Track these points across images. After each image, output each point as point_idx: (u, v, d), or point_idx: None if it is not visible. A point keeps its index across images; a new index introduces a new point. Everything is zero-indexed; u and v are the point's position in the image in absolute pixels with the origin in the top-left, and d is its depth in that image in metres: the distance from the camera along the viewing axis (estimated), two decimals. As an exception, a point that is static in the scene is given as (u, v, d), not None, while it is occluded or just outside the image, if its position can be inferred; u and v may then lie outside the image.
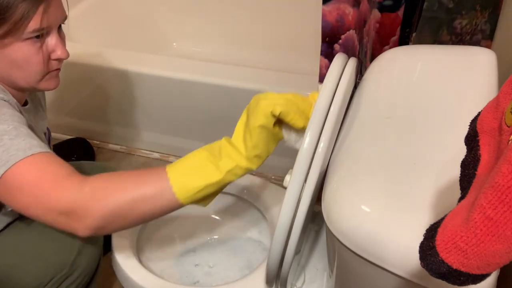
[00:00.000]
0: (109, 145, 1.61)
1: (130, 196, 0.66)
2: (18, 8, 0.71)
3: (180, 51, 1.95)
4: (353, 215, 0.59)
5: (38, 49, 0.76)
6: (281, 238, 0.69)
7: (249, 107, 0.70)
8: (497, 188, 0.31)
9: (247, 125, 0.68)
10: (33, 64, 0.77)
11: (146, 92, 1.42)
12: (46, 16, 0.75)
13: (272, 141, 0.70)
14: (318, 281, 0.94)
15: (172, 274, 1.05)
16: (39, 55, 0.77)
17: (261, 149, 0.68)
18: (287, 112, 0.66)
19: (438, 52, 0.83)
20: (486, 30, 1.13)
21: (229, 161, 0.68)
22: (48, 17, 0.75)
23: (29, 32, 0.74)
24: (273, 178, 1.42)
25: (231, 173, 0.67)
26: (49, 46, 0.78)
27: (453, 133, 0.63)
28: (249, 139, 0.68)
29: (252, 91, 1.33)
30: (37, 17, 0.74)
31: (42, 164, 0.69)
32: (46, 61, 0.79)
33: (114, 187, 0.67)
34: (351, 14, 0.84)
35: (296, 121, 0.67)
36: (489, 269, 0.34)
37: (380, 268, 0.57)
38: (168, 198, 0.66)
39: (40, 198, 0.67)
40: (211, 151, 0.69)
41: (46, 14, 0.75)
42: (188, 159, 0.70)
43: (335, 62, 0.75)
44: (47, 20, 0.75)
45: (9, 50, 0.75)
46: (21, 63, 0.76)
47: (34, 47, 0.76)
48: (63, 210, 0.66)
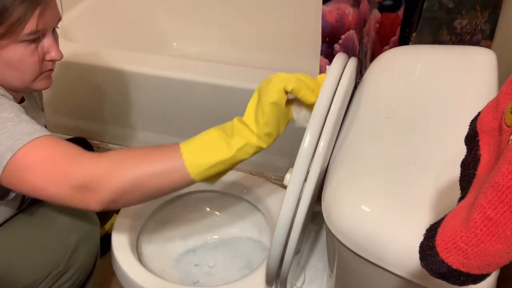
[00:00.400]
0: (109, 145, 1.61)
1: (145, 170, 0.68)
2: (15, 10, 0.72)
3: (180, 51, 1.95)
4: (353, 215, 0.59)
5: (33, 50, 0.77)
6: (281, 238, 0.69)
7: (260, 87, 0.72)
8: (497, 188, 0.31)
9: (260, 103, 0.70)
10: (28, 65, 0.78)
11: (146, 92, 1.42)
12: (42, 18, 0.75)
13: (283, 120, 0.71)
14: (318, 281, 0.94)
15: (172, 274, 1.05)
16: (34, 56, 0.77)
17: (272, 127, 0.70)
18: (299, 88, 0.68)
19: (438, 52, 0.83)
20: (486, 30, 1.13)
21: (240, 139, 0.69)
22: (44, 20, 0.76)
23: (25, 35, 0.74)
24: (273, 178, 1.42)
25: (242, 151, 0.69)
26: (44, 48, 0.79)
27: (453, 133, 0.63)
28: (261, 116, 0.69)
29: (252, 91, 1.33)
30: (33, 19, 0.74)
31: (50, 144, 0.70)
32: (40, 62, 0.79)
33: (129, 162, 0.69)
34: (351, 14, 0.84)
35: (308, 97, 0.69)
36: (489, 269, 0.34)
37: (380, 268, 0.57)
38: (180, 173, 0.68)
39: (54, 173, 0.68)
40: (224, 129, 0.71)
41: (42, 17, 0.75)
42: (201, 136, 0.71)
43: (335, 62, 0.75)
44: (43, 23, 0.76)
45: (4, 51, 0.75)
46: (16, 64, 0.77)
47: (29, 49, 0.76)
48: (79, 184, 0.67)
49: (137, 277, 0.92)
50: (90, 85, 1.49)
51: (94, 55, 1.43)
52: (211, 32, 1.91)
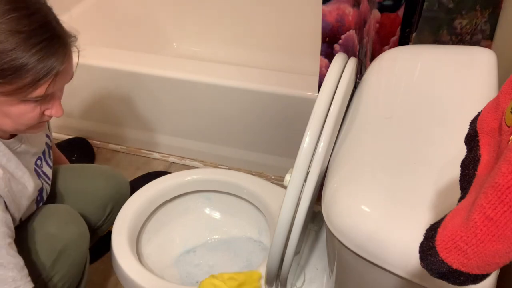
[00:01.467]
0: (109, 145, 1.61)
1: None
2: (30, 73, 0.68)
3: (180, 51, 1.95)
4: (353, 215, 0.59)
5: (35, 107, 0.74)
6: (281, 238, 0.69)
7: None
8: (497, 188, 0.31)
9: None
10: (26, 119, 0.75)
11: (146, 92, 1.42)
12: (53, 83, 0.72)
13: None
14: (318, 281, 0.94)
15: (172, 274, 1.05)
16: (33, 112, 0.74)
17: None
18: None
19: (438, 52, 0.83)
20: (486, 30, 1.13)
21: None
22: (56, 84, 0.73)
23: (31, 97, 0.71)
24: (273, 178, 1.42)
25: None
26: (46, 104, 0.76)
27: (453, 133, 0.63)
28: None
29: (252, 91, 1.34)
30: (45, 85, 0.71)
31: None
32: (39, 117, 0.76)
33: None
34: (351, 14, 0.84)
35: None
36: (489, 269, 0.34)
37: (380, 268, 0.57)
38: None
39: None
40: None
41: (54, 82, 0.72)
42: None
43: (335, 62, 0.75)
44: (53, 87, 0.73)
45: (4, 105, 0.72)
46: (14, 117, 0.74)
47: (31, 106, 0.73)
48: None
49: (137, 277, 0.91)
50: (90, 85, 1.49)
51: (94, 55, 1.43)
52: (211, 32, 1.91)
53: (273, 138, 1.36)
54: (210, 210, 1.17)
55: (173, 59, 1.51)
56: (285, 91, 1.26)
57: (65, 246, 0.89)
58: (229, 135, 1.43)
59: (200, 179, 1.11)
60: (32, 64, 0.68)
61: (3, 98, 0.71)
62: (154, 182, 1.10)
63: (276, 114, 1.30)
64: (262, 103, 1.30)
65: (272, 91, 1.27)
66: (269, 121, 1.33)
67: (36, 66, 0.68)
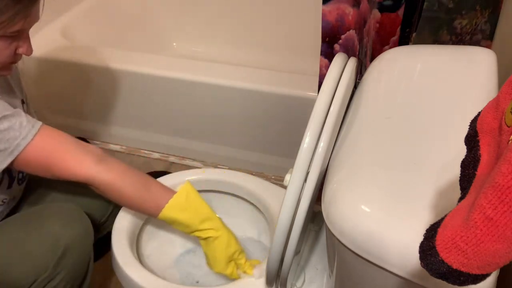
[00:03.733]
0: (109, 145, 1.61)
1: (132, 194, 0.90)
2: (7, 11, 0.74)
3: (180, 51, 1.95)
4: (353, 215, 0.59)
5: (9, 44, 0.79)
6: (281, 238, 0.69)
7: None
8: (497, 188, 0.31)
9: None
10: (1, 56, 0.80)
11: (146, 92, 1.42)
12: (29, 19, 0.78)
13: None
14: (318, 281, 0.94)
15: (172, 274, 1.05)
16: (8, 49, 0.79)
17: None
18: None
19: (438, 52, 0.83)
20: (486, 30, 1.13)
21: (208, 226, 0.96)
22: (30, 20, 0.78)
23: (9, 32, 0.76)
24: (273, 178, 1.42)
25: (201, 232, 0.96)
26: (19, 42, 0.81)
27: (453, 133, 0.63)
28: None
29: (252, 91, 1.34)
30: (22, 20, 0.76)
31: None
32: (12, 55, 0.81)
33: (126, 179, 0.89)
34: (351, 14, 0.84)
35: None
36: (489, 269, 0.34)
37: (380, 268, 0.57)
38: (153, 210, 0.91)
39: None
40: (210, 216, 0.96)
41: (29, 18, 0.78)
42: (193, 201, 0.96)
43: (335, 62, 0.75)
44: (29, 23, 0.78)
45: None
46: None
47: (6, 42, 0.78)
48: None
49: (137, 277, 0.91)
50: (90, 85, 1.49)
51: (94, 55, 1.43)
52: (211, 32, 1.91)
53: (273, 138, 1.36)
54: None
55: (173, 59, 1.51)
56: (285, 91, 1.26)
57: (69, 244, 0.89)
58: (229, 135, 1.43)
59: (200, 179, 1.11)
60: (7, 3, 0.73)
61: None
62: (154, 182, 1.09)
63: (276, 114, 1.31)
64: (262, 103, 1.30)
65: (272, 91, 1.27)
66: (269, 121, 1.33)
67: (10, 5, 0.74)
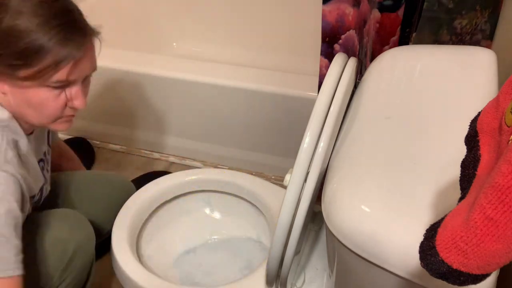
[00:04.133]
0: (109, 145, 1.61)
1: None
2: (50, 55, 0.69)
3: (180, 51, 1.95)
4: (353, 215, 0.59)
5: (57, 95, 0.74)
6: (281, 238, 0.69)
7: None
8: (497, 188, 0.31)
9: None
10: (48, 109, 0.75)
11: (146, 92, 1.42)
12: (75, 70, 0.72)
13: None
14: (318, 281, 0.94)
15: (172, 274, 1.05)
16: (55, 102, 0.75)
17: None
18: None
19: (438, 52, 0.83)
20: (486, 30, 1.13)
21: None
22: (78, 71, 0.73)
23: (52, 82, 0.72)
24: (273, 178, 1.42)
25: None
26: (69, 95, 0.76)
27: (453, 133, 0.63)
28: None
29: (252, 91, 1.33)
30: (66, 69, 0.71)
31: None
32: (62, 108, 0.77)
33: None
34: (351, 14, 0.84)
35: None
36: (489, 269, 0.34)
37: (380, 268, 0.57)
38: None
39: None
40: None
41: (75, 68, 0.72)
42: None
43: (335, 62, 0.75)
44: (74, 74, 0.73)
45: (26, 91, 0.72)
46: (36, 105, 0.74)
47: (53, 94, 0.74)
48: None
49: (137, 277, 0.91)
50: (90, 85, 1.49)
51: (94, 55, 1.43)
52: (211, 32, 1.91)
53: (273, 138, 1.36)
54: (210, 210, 1.17)
55: (173, 59, 1.51)
56: (285, 91, 1.26)
57: (76, 249, 0.89)
58: (229, 135, 1.43)
59: (200, 179, 1.11)
60: (51, 45, 0.69)
61: (24, 83, 0.71)
62: (154, 182, 1.10)
63: (276, 114, 1.30)
64: (262, 103, 1.30)
65: (272, 91, 1.27)
66: (269, 121, 1.33)
67: (54, 48, 0.69)
